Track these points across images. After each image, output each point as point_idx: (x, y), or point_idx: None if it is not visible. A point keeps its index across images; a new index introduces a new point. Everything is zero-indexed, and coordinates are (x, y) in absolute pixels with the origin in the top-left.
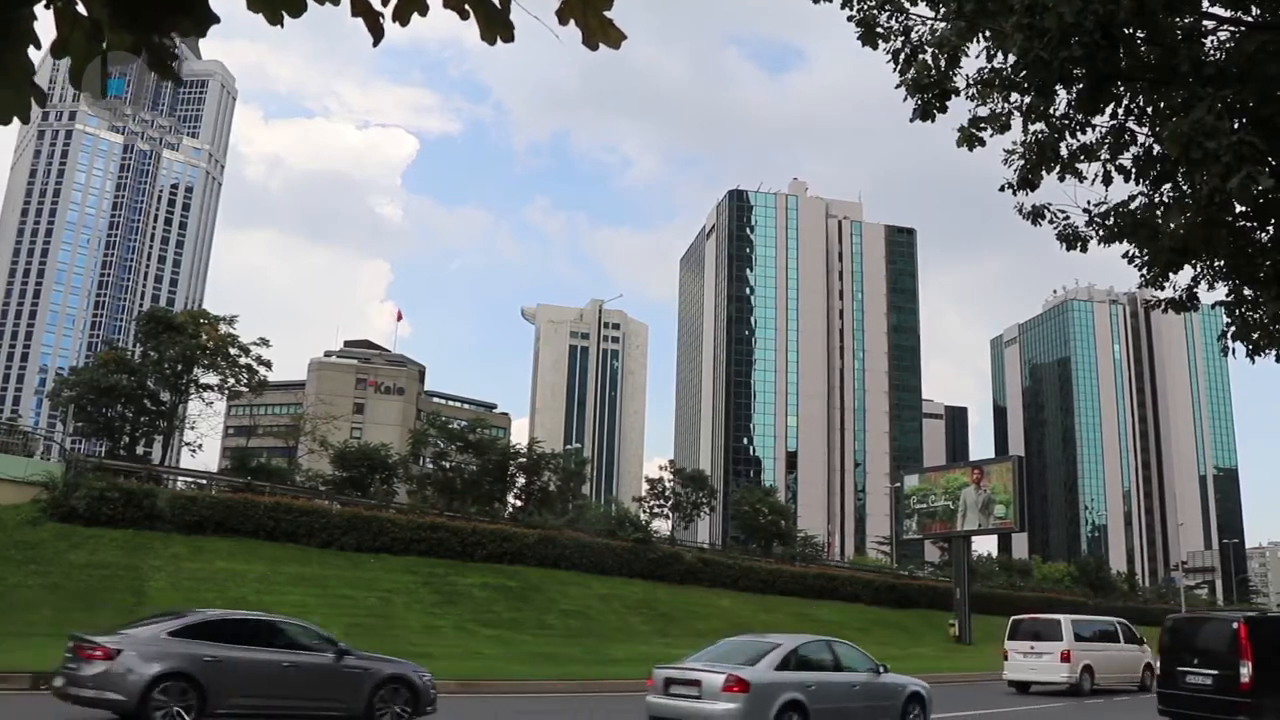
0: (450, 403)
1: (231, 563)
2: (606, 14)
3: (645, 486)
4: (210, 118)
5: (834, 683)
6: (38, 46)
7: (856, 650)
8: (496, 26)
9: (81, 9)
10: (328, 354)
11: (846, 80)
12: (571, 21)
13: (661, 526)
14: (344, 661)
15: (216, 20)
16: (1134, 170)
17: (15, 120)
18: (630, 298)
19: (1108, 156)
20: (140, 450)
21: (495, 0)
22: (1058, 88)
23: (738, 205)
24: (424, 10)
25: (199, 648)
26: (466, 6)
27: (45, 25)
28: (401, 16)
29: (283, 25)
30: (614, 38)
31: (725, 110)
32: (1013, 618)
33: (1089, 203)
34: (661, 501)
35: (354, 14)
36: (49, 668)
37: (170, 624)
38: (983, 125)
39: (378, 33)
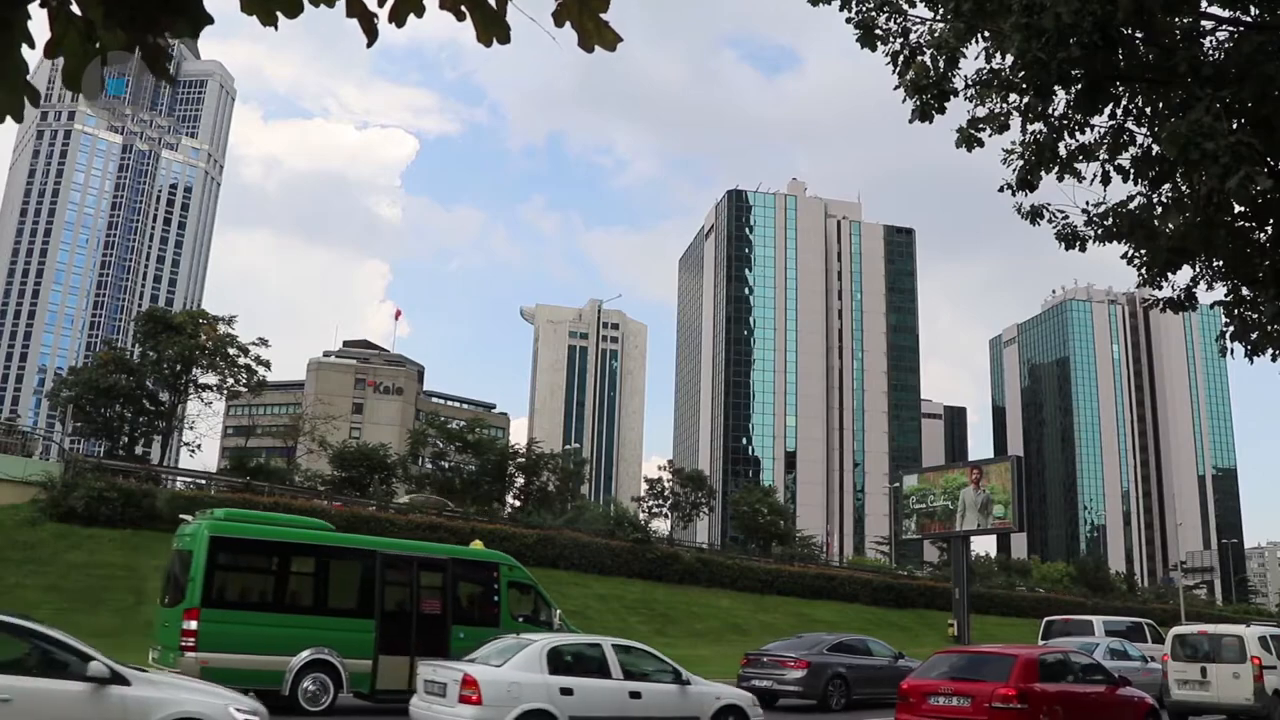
0: (449, 403)
1: None
2: (602, 16)
3: (644, 486)
4: (209, 118)
5: (1131, 667)
6: (32, 46)
7: (1132, 646)
8: (493, 28)
9: (76, 9)
10: (326, 354)
11: (844, 81)
12: (568, 23)
13: (660, 526)
14: None
15: (210, 21)
16: (1132, 170)
17: (10, 120)
18: (629, 298)
19: (1106, 157)
20: (139, 450)
21: (491, 2)
22: (1056, 88)
23: (736, 205)
24: (420, 11)
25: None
26: (463, 8)
27: (39, 25)
28: (398, 17)
29: (276, 27)
30: (609, 40)
31: (722, 111)
32: (1045, 619)
33: (1088, 203)
34: (660, 501)
35: (349, 14)
36: None
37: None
38: (981, 126)
39: (372, 33)
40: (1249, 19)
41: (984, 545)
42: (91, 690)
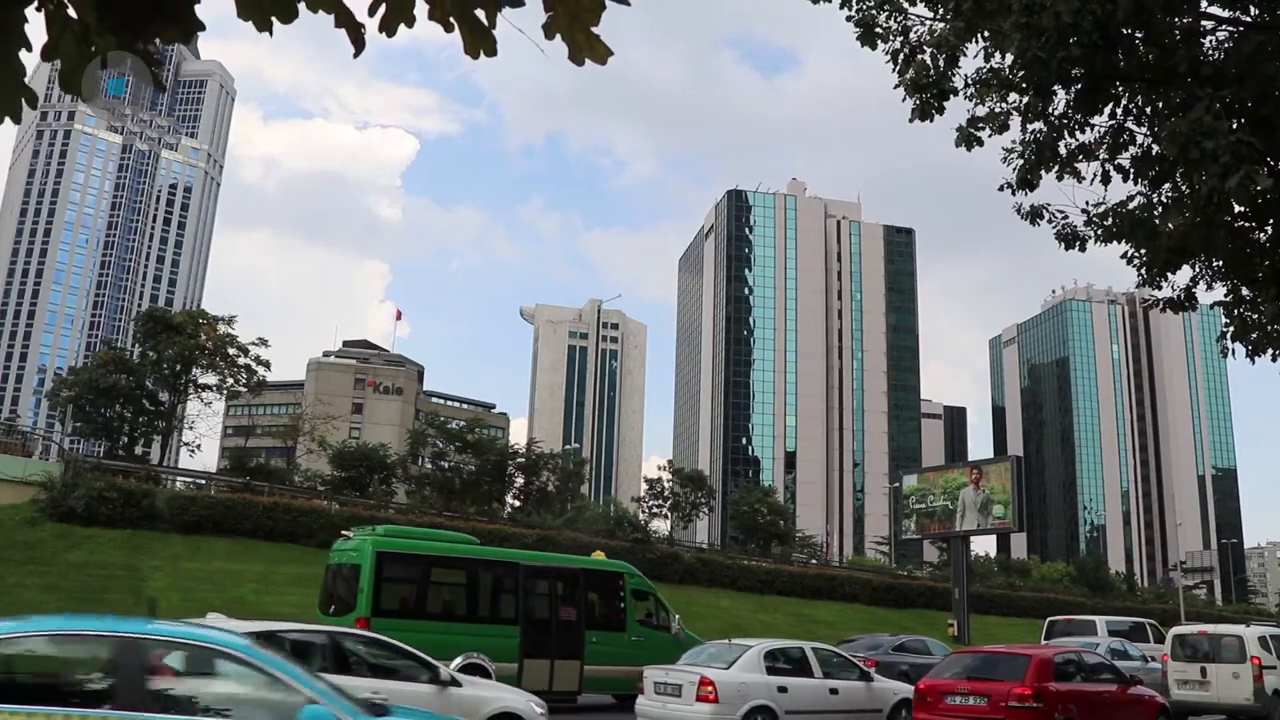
0: (449, 403)
1: (230, 563)
2: (594, 29)
3: (644, 486)
4: (209, 118)
5: (1130, 667)
6: (29, 49)
7: (1133, 646)
8: (481, 41)
9: (72, 12)
10: (326, 354)
11: (844, 81)
12: (558, 36)
13: (660, 527)
14: None
15: (202, 28)
16: (1132, 170)
17: (10, 121)
18: (629, 298)
19: (1106, 156)
20: (139, 450)
21: (480, 15)
22: (1056, 88)
23: (736, 205)
24: (410, 22)
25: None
26: (451, 20)
27: (36, 28)
28: (388, 27)
29: (271, 32)
30: (600, 53)
31: (722, 111)
32: (1049, 619)
33: (1087, 203)
34: (660, 502)
35: (337, 25)
36: None
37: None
38: (981, 125)
39: (359, 44)
40: (1249, 19)
41: (984, 545)
42: (438, 691)
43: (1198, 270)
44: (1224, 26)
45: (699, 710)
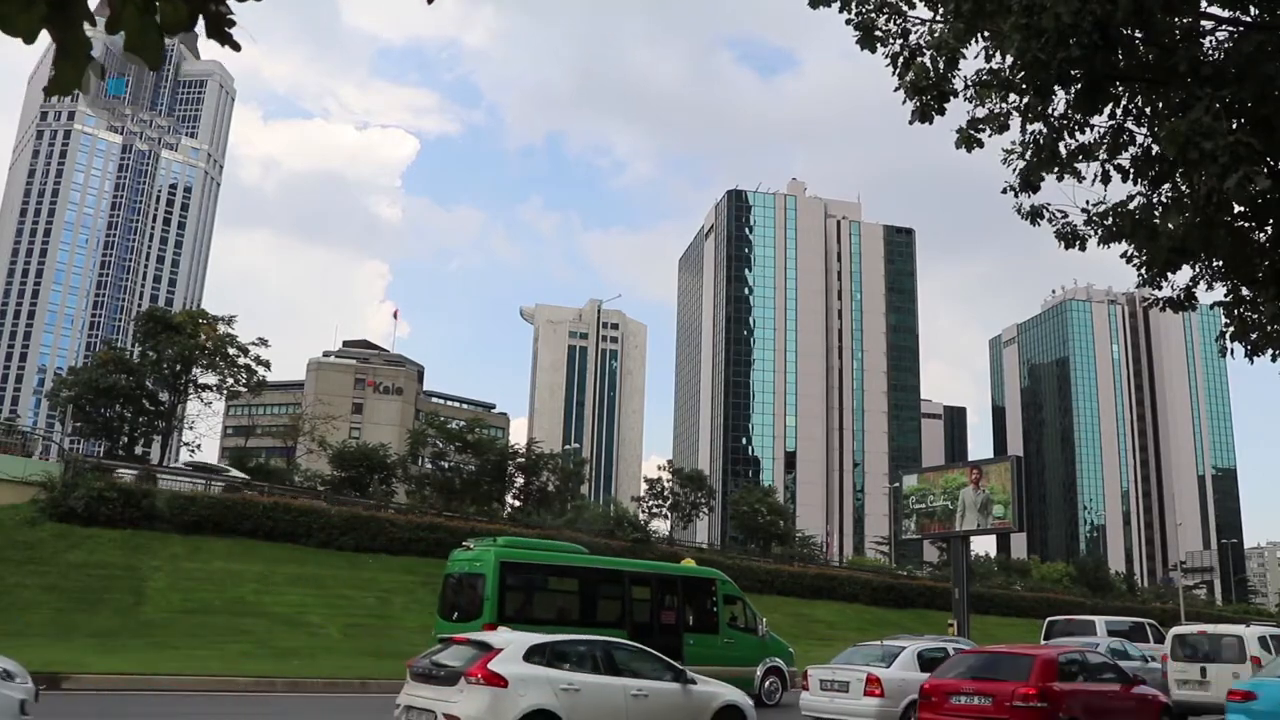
0: (449, 403)
1: (229, 563)
2: None
3: (644, 486)
4: (209, 118)
5: (1130, 667)
6: (93, 23)
7: (1132, 645)
8: None
9: None
10: (326, 354)
11: (844, 81)
12: None
13: (660, 527)
14: None
15: None
16: (1132, 170)
17: (10, 120)
18: (629, 298)
19: (1106, 156)
20: (139, 450)
21: None
22: (1056, 88)
23: (736, 205)
24: None
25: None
26: None
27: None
28: None
29: None
30: None
31: (722, 111)
32: (1048, 619)
33: (1088, 203)
34: (660, 502)
35: None
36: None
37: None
38: (981, 126)
39: None
40: (1249, 19)
41: (984, 545)
42: (682, 688)
43: (1198, 270)
44: (1224, 26)
45: (867, 704)
